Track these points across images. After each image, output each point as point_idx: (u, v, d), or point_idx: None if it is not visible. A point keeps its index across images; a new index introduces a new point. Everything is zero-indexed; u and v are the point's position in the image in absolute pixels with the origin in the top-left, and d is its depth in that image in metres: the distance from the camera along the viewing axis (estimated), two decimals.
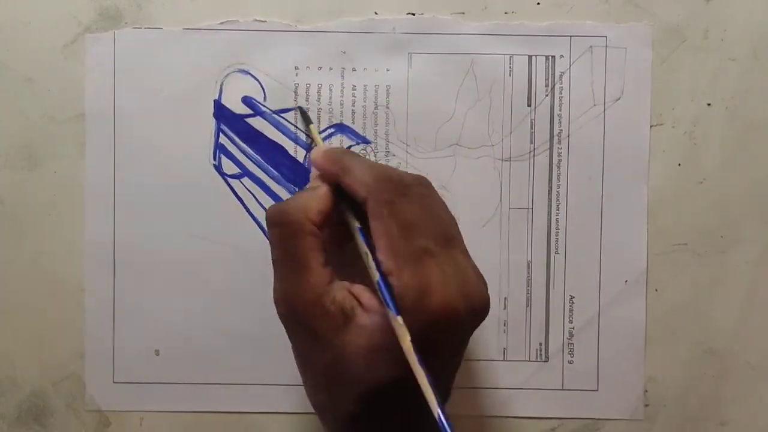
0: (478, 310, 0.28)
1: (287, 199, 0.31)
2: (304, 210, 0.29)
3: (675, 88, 0.37)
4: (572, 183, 0.37)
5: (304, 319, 0.28)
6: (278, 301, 0.29)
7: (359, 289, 0.29)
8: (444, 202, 0.31)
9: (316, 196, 0.30)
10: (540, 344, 0.38)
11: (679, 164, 0.37)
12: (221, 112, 0.37)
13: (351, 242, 0.30)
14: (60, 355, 0.37)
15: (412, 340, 0.26)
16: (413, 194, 0.29)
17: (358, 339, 0.27)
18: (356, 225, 0.30)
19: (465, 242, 0.30)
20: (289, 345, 0.29)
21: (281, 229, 0.29)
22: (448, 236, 0.29)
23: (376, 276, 0.27)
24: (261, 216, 0.37)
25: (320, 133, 0.37)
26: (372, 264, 0.28)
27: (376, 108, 0.37)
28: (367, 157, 0.37)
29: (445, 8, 0.37)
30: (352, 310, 0.28)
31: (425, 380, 0.25)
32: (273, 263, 0.30)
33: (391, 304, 0.26)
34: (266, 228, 0.30)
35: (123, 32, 0.37)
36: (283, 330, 0.29)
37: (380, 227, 0.28)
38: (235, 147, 0.37)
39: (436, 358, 0.27)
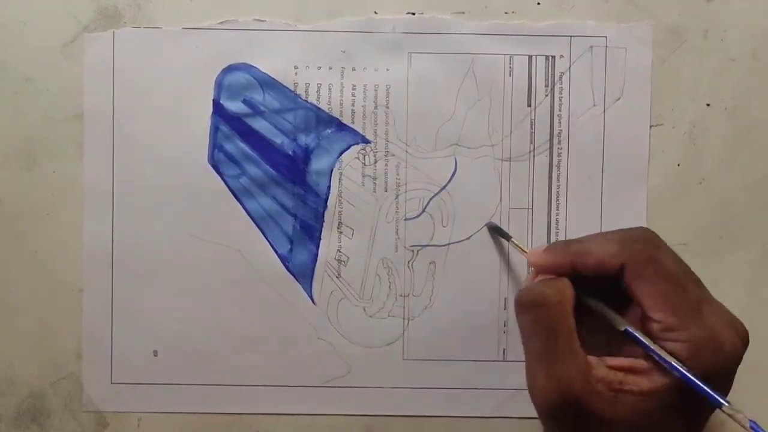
0: (746, 341, 0.29)
1: (534, 284, 0.30)
2: (561, 292, 0.29)
3: (675, 88, 0.37)
4: (572, 183, 0.37)
5: (576, 405, 0.27)
6: (544, 391, 0.28)
7: (616, 361, 0.28)
8: None
9: (562, 283, 0.29)
10: None
11: (679, 164, 0.37)
12: (220, 112, 0.37)
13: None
14: (58, 355, 0.37)
15: (713, 388, 0.27)
16: (664, 246, 0.29)
17: (634, 407, 0.27)
18: (606, 308, 0.29)
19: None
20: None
21: (541, 311, 0.28)
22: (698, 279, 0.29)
23: (652, 344, 0.28)
24: (259, 216, 0.37)
25: (325, 132, 0.37)
26: (641, 336, 0.28)
27: (375, 108, 0.37)
28: (366, 156, 0.37)
29: (445, 8, 0.37)
30: (619, 383, 0.27)
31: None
32: (527, 351, 0.29)
33: (689, 377, 0.27)
34: (517, 313, 0.29)
35: (122, 32, 0.37)
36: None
37: (649, 288, 0.28)
38: (233, 146, 0.37)
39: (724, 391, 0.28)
